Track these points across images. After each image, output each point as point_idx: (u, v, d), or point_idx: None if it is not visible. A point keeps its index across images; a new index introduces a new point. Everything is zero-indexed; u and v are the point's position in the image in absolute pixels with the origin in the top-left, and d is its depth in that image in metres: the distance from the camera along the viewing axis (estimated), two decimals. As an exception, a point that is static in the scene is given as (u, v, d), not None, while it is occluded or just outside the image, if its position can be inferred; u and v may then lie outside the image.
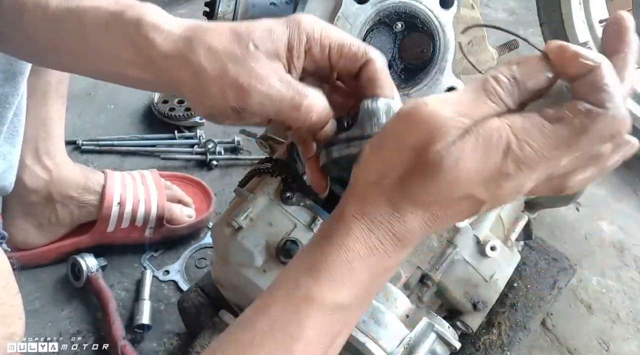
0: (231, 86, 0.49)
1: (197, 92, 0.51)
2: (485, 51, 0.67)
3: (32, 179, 1.05)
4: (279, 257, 0.73)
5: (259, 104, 0.50)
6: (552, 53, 0.42)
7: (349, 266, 0.44)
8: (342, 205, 0.46)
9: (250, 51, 0.49)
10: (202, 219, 1.19)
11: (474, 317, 0.83)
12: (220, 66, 0.49)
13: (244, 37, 0.50)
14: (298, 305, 0.44)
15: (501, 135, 0.40)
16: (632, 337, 1.07)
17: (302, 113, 0.50)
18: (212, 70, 0.49)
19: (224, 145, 1.41)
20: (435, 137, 0.40)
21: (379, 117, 0.50)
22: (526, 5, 1.95)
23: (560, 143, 0.40)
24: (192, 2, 1.96)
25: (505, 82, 0.41)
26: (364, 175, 0.45)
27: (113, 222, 1.11)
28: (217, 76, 0.49)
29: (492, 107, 0.41)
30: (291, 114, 0.51)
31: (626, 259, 1.21)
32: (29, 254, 1.11)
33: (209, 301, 0.94)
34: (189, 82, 0.50)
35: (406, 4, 0.62)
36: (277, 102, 0.50)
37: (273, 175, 0.77)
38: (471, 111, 0.41)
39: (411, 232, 0.44)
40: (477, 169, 0.40)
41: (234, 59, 0.49)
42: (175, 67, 0.50)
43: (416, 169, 0.42)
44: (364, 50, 0.53)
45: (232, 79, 0.49)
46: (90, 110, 1.52)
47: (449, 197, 0.42)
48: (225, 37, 0.50)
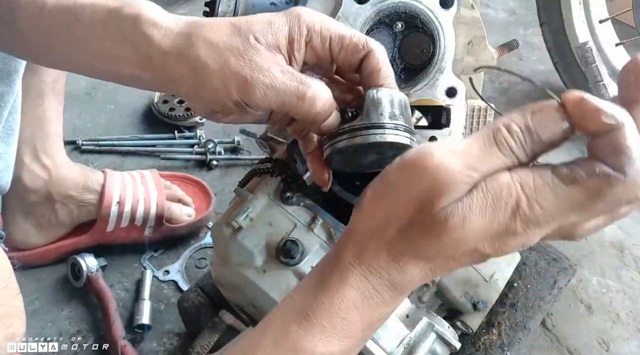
0: (234, 79, 0.49)
1: (198, 88, 0.50)
2: (485, 51, 0.67)
3: (31, 178, 1.04)
4: (279, 257, 0.73)
5: (263, 95, 0.49)
6: (571, 104, 0.38)
7: (343, 317, 0.42)
8: (339, 249, 0.44)
9: (251, 44, 0.49)
10: (202, 218, 1.19)
11: (474, 317, 0.83)
12: (221, 60, 0.48)
13: (244, 30, 0.49)
14: (287, 354, 0.42)
15: (511, 193, 0.38)
16: (632, 337, 1.07)
17: (306, 103, 0.50)
18: (213, 64, 0.49)
19: (224, 145, 1.41)
20: (442, 192, 0.38)
21: (384, 106, 0.50)
22: (526, 5, 1.95)
23: (574, 206, 0.38)
24: (192, 2, 1.96)
25: (518, 132, 0.39)
26: (364, 222, 0.43)
27: (112, 221, 1.11)
28: (219, 70, 0.49)
29: (502, 159, 0.39)
30: (296, 104, 0.50)
31: (626, 259, 1.21)
32: (29, 254, 1.11)
33: (209, 301, 0.94)
34: (189, 78, 0.50)
35: (406, 4, 0.62)
36: (281, 93, 0.49)
37: (273, 175, 0.77)
38: (480, 164, 0.39)
39: (410, 282, 0.43)
40: (484, 227, 0.39)
41: (235, 52, 0.48)
42: (174, 63, 0.50)
43: (419, 223, 0.40)
44: (364, 41, 0.52)
45: (235, 72, 0.48)
46: (90, 110, 1.52)
47: (452, 253, 0.41)
48: (224, 31, 0.49)
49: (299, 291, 0.45)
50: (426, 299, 0.79)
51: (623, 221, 1.29)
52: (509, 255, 0.83)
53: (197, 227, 1.21)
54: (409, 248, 0.41)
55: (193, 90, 0.51)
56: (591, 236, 1.25)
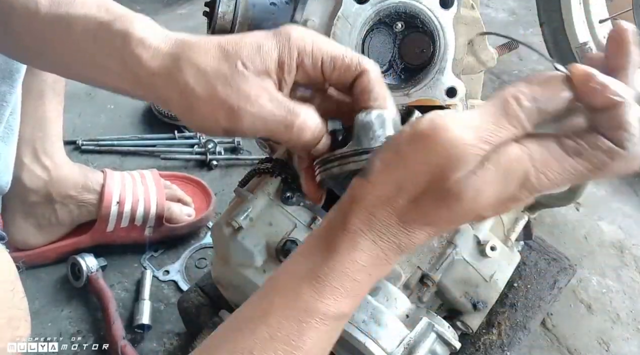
0: (221, 108, 0.48)
1: (187, 111, 0.50)
2: (485, 51, 0.67)
3: (31, 178, 1.04)
4: (278, 257, 0.73)
5: (251, 124, 0.49)
6: (577, 78, 0.41)
7: (353, 278, 0.44)
8: (346, 216, 0.45)
9: (239, 71, 0.48)
10: (202, 218, 1.19)
11: (474, 317, 0.83)
12: (209, 87, 0.48)
13: (232, 55, 0.48)
14: (299, 315, 0.44)
15: (521, 165, 0.40)
16: (632, 337, 1.07)
17: (294, 132, 0.50)
18: (201, 92, 0.48)
19: (224, 145, 1.41)
20: (456, 165, 0.40)
21: (375, 130, 0.50)
22: (526, 5, 1.96)
23: (576, 175, 0.41)
24: (192, 2, 1.96)
25: (526, 104, 0.41)
26: (373, 190, 0.44)
27: (112, 221, 1.11)
28: (207, 97, 0.48)
29: (512, 131, 0.41)
30: (284, 133, 0.50)
31: (626, 259, 1.21)
32: (29, 254, 1.11)
33: (209, 301, 0.94)
34: (178, 100, 0.50)
35: (406, 4, 0.62)
36: (269, 122, 0.49)
37: (273, 175, 0.77)
38: (491, 137, 0.40)
39: (415, 243, 0.45)
40: (494, 198, 0.41)
41: (222, 79, 0.48)
42: (163, 85, 0.49)
43: (433, 194, 0.42)
44: (357, 61, 0.51)
45: (222, 100, 0.48)
46: (90, 110, 1.52)
47: (459, 220, 0.43)
48: (212, 56, 0.48)
49: (305, 256, 0.46)
50: (426, 299, 0.79)
51: (623, 221, 1.29)
52: (509, 255, 0.83)
53: (197, 227, 1.21)
54: (420, 216, 0.43)
55: (183, 111, 0.51)
56: (591, 236, 1.25)
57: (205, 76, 0.48)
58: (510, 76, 1.68)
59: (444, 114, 0.41)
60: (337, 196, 0.75)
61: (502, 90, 0.42)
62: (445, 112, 0.42)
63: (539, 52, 0.51)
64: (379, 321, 0.66)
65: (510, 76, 1.68)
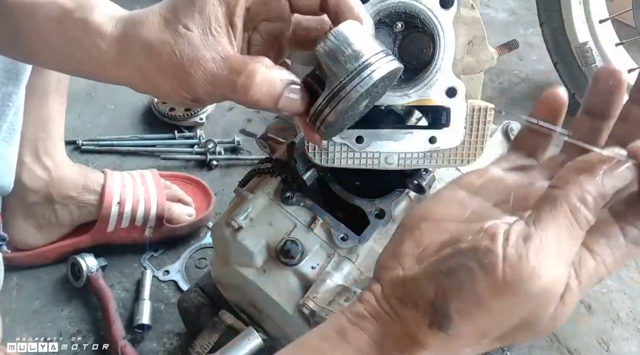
0: (172, 78, 0.47)
1: (153, 89, 0.49)
2: (485, 51, 0.67)
3: (31, 179, 1.04)
4: (279, 257, 0.73)
5: (204, 89, 0.46)
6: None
7: None
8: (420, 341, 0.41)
9: (180, 34, 0.45)
10: (202, 218, 1.19)
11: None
12: (159, 61, 0.46)
13: (172, 21, 0.46)
14: None
15: (598, 276, 0.39)
16: (632, 337, 1.07)
17: (239, 92, 0.46)
18: (153, 67, 0.47)
19: (224, 145, 1.41)
20: (552, 304, 0.38)
21: (344, 50, 0.43)
22: (526, 5, 1.95)
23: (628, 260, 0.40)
24: (192, 2, 1.95)
25: (593, 205, 0.38)
26: (453, 341, 0.40)
27: (113, 221, 1.11)
28: (160, 71, 0.47)
29: (582, 235, 0.38)
30: (233, 94, 0.46)
31: (626, 259, 1.21)
32: (29, 254, 1.11)
33: (209, 301, 0.94)
34: (140, 81, 0.49)
35: (406, 4, 0.62)
36: (215, 84, 0.46)
37: (273, 175, 0.77)
38: (572, 256, 0.38)
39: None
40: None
41: (168, 48, 0.46)
42: (122, 71, 0.49)
43: (523, 330, 0.39)
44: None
45: (171, 69, 0.46)
46: (90, 110, 1.52)
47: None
48: (155, 28, 0.46)
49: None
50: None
51: (623, 221, 1.29)
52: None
53: (197, 227, 1.21)
54: (502, 342, 0.41)
55: (150, 90, 0.50)
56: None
57: (153, 50, 0.46)
58: (510, 76, 1.68)
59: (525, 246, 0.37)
60: (337, 196, 0.76)
61: (565, 192, 0.38)
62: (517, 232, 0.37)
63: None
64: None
65: (510, 76, 1.68)
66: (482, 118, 0.68)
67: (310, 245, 0.74)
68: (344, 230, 0.75)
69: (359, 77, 0.43)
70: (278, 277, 0.74)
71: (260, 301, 0.77)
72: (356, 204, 0.76)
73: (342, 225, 0.75)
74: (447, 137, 0.68)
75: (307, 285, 0.73)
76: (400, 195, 0.78)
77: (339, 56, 0.43)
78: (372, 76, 0.44)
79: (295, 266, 0.73)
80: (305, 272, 0.73)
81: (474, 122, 0.68)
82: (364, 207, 0.76)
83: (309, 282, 0.73)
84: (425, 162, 0.69)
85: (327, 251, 0.75)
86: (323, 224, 0.75)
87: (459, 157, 0.69)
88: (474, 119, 0.68)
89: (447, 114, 0.67)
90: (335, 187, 0.77)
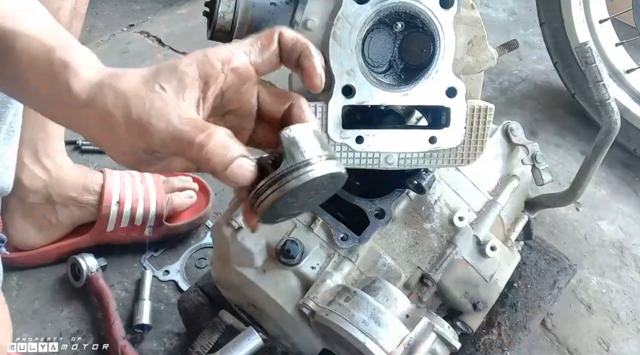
0: (134, 126, 0.48)
1: (108, 138, 0.50)
2: (485, 51, 0.67)
3: (30, 179, 1.04)
4: (279, 257, 0.73)
5: (160, 141, 0.48)
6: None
7: None
8: None
9: (155, 91, 0.48)
10: (201, 215, 1.20)
11: (474, 317, 0.83)
12: (125, 110, 0.48)
13: (151, 80, 0.49)
14: None
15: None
16: (632, 337, 1.07)
17: (195, 149, 0.48)
18: (118, 113, 0.48)
19: (224, 145, 1.40)
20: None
21: (305, 142, 0.48)
22: (526, 5, 1.96)
23: None
24: (192, 2, 1.95)
25: None
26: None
27: (112, 221, 1.11)
28: (123, 119, 0.48)
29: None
30: (189, 150, 0.48)
31: (626, 259, 1.21)
32: (29, 254, 1.11)
33: (209, 301, 0.94)
34: (98, 128, 0.50)
35: (406, 4, 0.62)
36: (176, 139, 0.48)
37: (273, 175, 0.77)
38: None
39: None
40: None
41: (139, 100, 0.48)
42: (86, 114, 0.50)
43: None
44: (287, 94, 0.54)
45: (135, 119, 0.48)
46: (90, 110, 1.52)
47: None
48: (133, 82, 0.49)
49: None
50: (426, 299, 0.79)
51: (623, 221, 1.29)
52: (509, 255, 0.83)
53: (197, 225, 1.21)
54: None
55: (105, 140, 0.51)
56: (591, 236, 1.25)
57: (124, 99, 0.48)
58: (510, 76, 1.68)
59: None
60: (337, 196, 0.75)
61: None
62: None
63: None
64: (379, 321, 0.66)
65: (510, 76, 1.69)
66: (482, 118, 0.68)
67: (311, 245, 0.74)
68: (344, 230, 0.75)
69: (311, 166, 0.48)
70: (278, 277, 0.74)
71: (260, 301, 0.77)
72: (356, 204, 0.76)
73: (342, 225, 0.75)
74: (447, 137, 0.68)
75: (307, 285, 0.73)
76: (400, 195, 0.78)
77: (300, 144, 0.48)
78: (321, 169, 0.48)
79: (295, 266, 0.73)
80: (305, 272, 0.73)
81: (474, 122, 0.68)
82: (364, 207, 0.76)
83: (309, 282, 0.73)
84: (425, 162, 0.69)
85: (327, 251, 0.75)
86: (323, 224, 0.75)
87: (459, 157, 0.69)
88: (474, 119, 0.68)
89: (447, 114, 0.67)
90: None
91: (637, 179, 1.40)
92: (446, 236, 0.80)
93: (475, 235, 0.80)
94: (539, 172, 0.87)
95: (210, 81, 0.49)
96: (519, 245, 0.92)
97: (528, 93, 1.63)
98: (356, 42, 0.63)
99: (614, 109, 0.76)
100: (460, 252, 0.79)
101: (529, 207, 0.91)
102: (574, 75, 1.45)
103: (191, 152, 0.48)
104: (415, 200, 0.80)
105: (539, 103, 1.60)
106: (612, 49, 1.45)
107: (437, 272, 0.78)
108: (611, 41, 1.46)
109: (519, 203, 0.89)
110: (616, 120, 0.77)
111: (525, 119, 1.53)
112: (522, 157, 0.88)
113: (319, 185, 0.50)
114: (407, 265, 0.78)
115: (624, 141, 1.37)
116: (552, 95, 1.61)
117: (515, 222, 0.88)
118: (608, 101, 0.76)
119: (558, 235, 1.25)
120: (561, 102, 1.57)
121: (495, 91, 1.63)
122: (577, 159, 1.42)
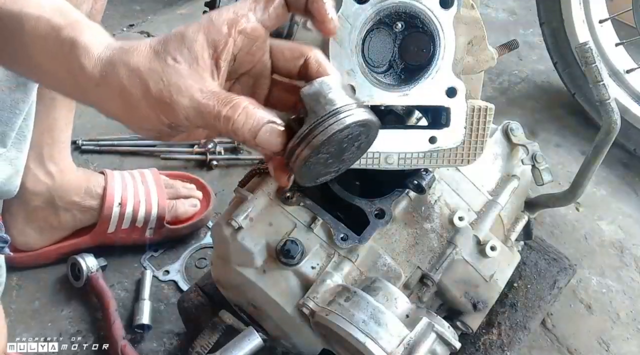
0: (157, 104, 0.48)
1: (128, 113, 0.50)
2: (485, 51, 0.67)
3: (34, 183, 1.04)
4: (279, 257, 0.73)
5: (186, 116, 0.48)
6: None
7: None
8: None
9: (169, 65, 0.48)
10: (202, 218, 1.20)
11: (474, 317, 0.83)
12: (143, 86, 0.48)
13: (162, 53, 0.48)
14: None
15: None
16: (632, 337, 1.07)
17: (222, 122, 0.48)
18: (136, 91, 0.48)
19: (224, 145, 1.41)
20: None
21: (326, 95, 0.48)
22: (526, 5, 1.95)
23: None
24: (192, 2, 1.95)
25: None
26: None
27: (114, 223, 1.11)
28: (142, 96, 0.48)
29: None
30: (215, 124, 0.49)
31: (626, 259, 1.21)
32: (30, 254, 1.11)
33: (209, 301, 0.94)
34: (119, 105, 0.50)
35: (406, 4, 0.62)
36: (200, 113, 0.48)
37: (273, 175, 0.77)
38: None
39: None
40: None
41: (155, 76, 0.48)
42: (103, 92, 0.50)
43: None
44: (301, 48, 0.52)
45: (156, 96, 0.48)
46: (91, 110, 1.49)
47: None
48: (144, 56, 0.48)
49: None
50: (426, 299, 0.79)
51: (623, 221, 1.29)
52: (509, 255, 0.83)
53: (197, 227, 1.21)
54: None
55: (126, 117, 0.51)
56: (591, 236, 1.25)
57: (139, 76, 0.48)
58: (510, 76, 1.68)
59: None
60: (337, 196, 0.76)
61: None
62: None
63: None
64: (378, 321, 0.66)
65: (510, 76, 1.69)
66: (482, 118, 0.68)
67: (311, 245, 0.74)
68: (344, 230, 0.75)
69: (335, 117, 0.47)
70: (278, 277, 0.74)
71: (260, 301, 0.77)
72: (356, 204, 0.76)
73: (342, 225, 0.75)
74: (447, 137, 0.68)
75: (307, 285, 0.73)
76: (400, 195, 0.78)
77: (320, 98, 0.48)
78: (346, 119, 0.47)
79: (295, 266, 0.73)
80: (305, 272, 0.73)
81: (474, 122, 0.68)
82: (364, 207, 0.76)
83: (309, 282, 0.73)
84: (425, 162, 0.69)
85: (327, 251, 0.75)
86: (323, 224, 0.75)
87: (459, 157, 0.69)
88: (474, 119, 0.68)
89: (447, 114, 0.67)
90: (335, 187, 0.77)
91: (637, 178, 1.40)
92: (446, 236, 0.80)
93: (475, 235, 0.80)
94: (539, 172, 0.87)
95: (219, 47, 0.49)
96: (519, 245, 0.92)
97: (528, 93, 1.63)
98: (356, 42, 0.63)
99: (614, 109, 0.76)
100: (460, 252, 0.79)
101: (529, 207, 0.91)
102: (574, 75, 1.45)
103: (219, 125, 0.48)
104: (415, 200, 0.80)
105: (539, 103, 1.60)
106: (612, 49, 1.45)
107: (437, 272, 0.78)
108: (611, 41, 1.46)
109: (519, 203, 0.89)
110: (616, 120, 0.77)
111: (526, 119, 1.53)
112: (522, 157, 0.88)
113: (349, 136, 0.49)
114: (407, 265, 0.78)
115: (624, 141, 1.37)
116: (552, 95, 1.62)
117: (515, 222, 0.88)
118: (608, 101, 0.76)
119: (558, 235, 1.25)
120: (561, 102, 1.57)
121: (495, 91, 1.63)
122: (577, 159, 1.42)
